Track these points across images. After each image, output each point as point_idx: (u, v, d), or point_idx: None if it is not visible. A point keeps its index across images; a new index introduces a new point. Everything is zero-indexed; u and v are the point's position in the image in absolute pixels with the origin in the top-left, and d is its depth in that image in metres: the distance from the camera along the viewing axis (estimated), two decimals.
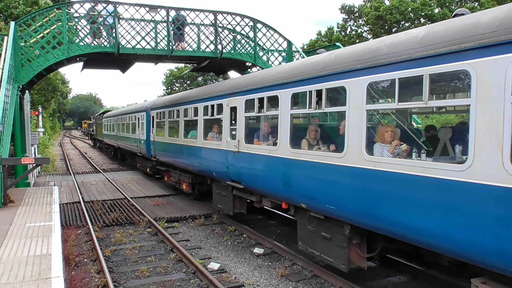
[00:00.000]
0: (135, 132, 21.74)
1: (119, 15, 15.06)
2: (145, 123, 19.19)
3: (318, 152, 7.19)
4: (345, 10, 41.73)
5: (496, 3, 31.12)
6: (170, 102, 15.96)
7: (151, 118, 18.46)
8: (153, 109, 18.27)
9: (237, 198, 10.78)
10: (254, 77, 9.68)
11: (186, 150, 13.61)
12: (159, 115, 17.09)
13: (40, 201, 10.73)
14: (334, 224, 7.03)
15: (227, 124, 10.35)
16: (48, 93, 36.17)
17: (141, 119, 20.25)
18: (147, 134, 18.77)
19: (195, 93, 13.47)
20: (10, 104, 11.85)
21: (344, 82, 6.34)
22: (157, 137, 17.14)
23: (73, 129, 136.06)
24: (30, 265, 5.81)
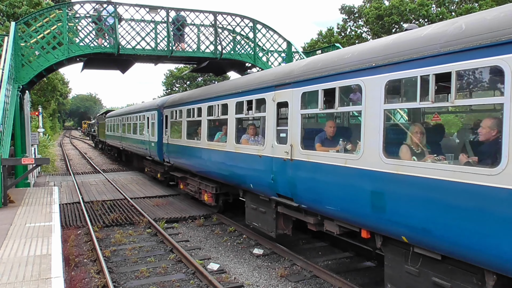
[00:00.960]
0: (143, 133, 19.63)
1: (119, 16, 15.09)
2: (156, 123, 17.00)
3: (437, 165, 4.90)
4: (345, 11, 41.78)
5: (495, 3, 31.15)
6: (188, 98, 13.78)
7: (163, 118, 16.31)
8: (166, 108, 15.97)
9: (280, 216, 8.73)
10: (316, 62, 7.28)
11: (210, 155, 11.41)
12: (174, 114, 14.83)
13: (40, 201, 10.75)
14: (461, 270, 4.93)
15: (272, 124, 8.22)
16: (48, 93, 36.19)
17: (151, 118, 17.99)
18: (158, 136, 16.72)
19: (223, 87, 11.23)
20: (10, 104, 11.87)
21: None
22: (172, 139, 14.96)
23: (73, 129, 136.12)
24: (30, 265, 5.82)
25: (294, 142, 7.46)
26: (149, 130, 18.25)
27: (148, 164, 20.37)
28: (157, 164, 18.34)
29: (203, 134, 11.89)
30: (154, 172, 19.51)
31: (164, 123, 16.15)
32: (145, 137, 18.99)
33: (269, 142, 8.31)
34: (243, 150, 9.44)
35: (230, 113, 10.18)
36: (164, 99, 17.94)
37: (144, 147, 19.33)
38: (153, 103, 19.01)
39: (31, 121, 20.85)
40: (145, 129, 19.14)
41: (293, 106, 7.52)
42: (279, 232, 8.83)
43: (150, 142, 18.06)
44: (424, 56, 4.92)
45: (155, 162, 18.47)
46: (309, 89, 7.15)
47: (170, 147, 15.20)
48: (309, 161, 7.06)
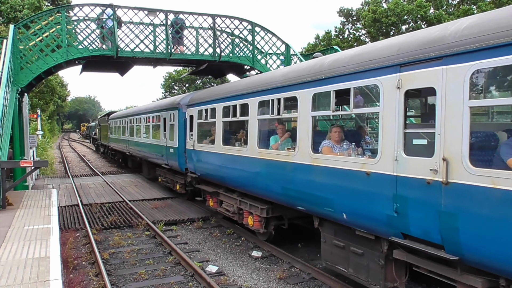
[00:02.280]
0: (158, 136, 16.78)
1: (118, 19, 15.13)
2: (177, 125, 14.14)
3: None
4: (343, 14, 41.90)
5: (494, 5, 31.30)
6: (226, 93, 10.65)
7: (187, 118, 13.47)
8: (191, 106, 13.25)
9: (391, 262, 6.14)
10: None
11: (261, 168, 8.69)
12: (204, 113, 12.02)
13: (39, 203, 10.74)
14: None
15: (394, 124, 5.45)
16: (47, 96, 36.20)
17: (170, 119, 15.08)
18: (179, 140, 13.87)
19: (289, 74, 8.13)
20: (9, 107, 11.88)
21: None
22: (200, 145, 12.15)
23: (72, 131, 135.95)
24: (29, 267, 5.83)
25: (451, 153, 4.67)
26: (167, 134, 15.39)
27: (164, 173, 17.24)
28: (176, 174, 15.57)
29: (251, 139, 8.94)
30: (171, 183, 16.43)
31: (188, 125, 13.37)
32: (161, 142, 16.06)
33: (389, 152, 5.53)
34: (329, 163, 6.68)
35: (302, 110, 7.31)
36: (187, 95, 14.67)
37: (159, 153, 16.47)
38: (172, 101, 15.76)
39: (29, 123, 20.85)
40: (161, 132, 16.22)
41: (448, 94, 4.71)
42: (388, 285, 6.16)
43: (168, 148, 15.18)
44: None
45: (173, 171, 15.56)
46: (486, 66, 4.44)
47: (197, 154, 12.25)
48: (496, 188, 4.23)
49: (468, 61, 4.50)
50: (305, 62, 9.11)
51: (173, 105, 14.81)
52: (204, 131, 12.51)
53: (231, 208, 10.78)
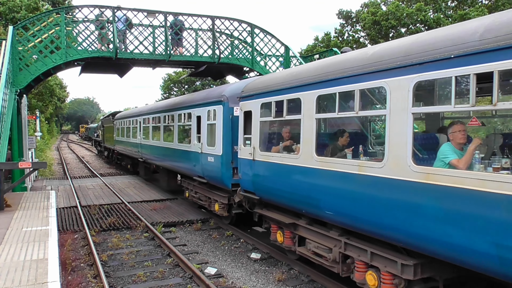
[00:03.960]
0: (188, 140, 13.62)
1: (129, 21, 15.15)
2: (221, 125, 10.96)
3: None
4: (343, 16, 41.97)
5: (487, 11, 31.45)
6: (331, 73, 6.78)
7: (240, 116, 10.01)
8: (248, 97, 9.55)
9: None
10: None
11: (437, 201, 4.90)
12: (275, 107, 8.37)
13: (37, 205, 10.72)
14: None
15: None
16: (46, 97, 36.19)
17: (208, 117, 11.81)
18: (225, 146, 10.81)
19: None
20: (7, 108, 11.87)
21: None
22: (265, 154, 8.68)
23: (71, 133, 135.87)
24: (27, 269, 5.81)
25: None
26: (203, 137, 12.15)
27: (194, 188, 13.61)
28: (215, 190, 12.03)
29: (392, 148, 5.44)
30: (205, 200, 12.75)
31: (241, 125, 9.86)
32: (193, 147, 12.92)
33: None
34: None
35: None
36: (237, 84, 11.71)
37: (189, 162, 13.16)
38: (210, 93, 12.43)
39: (28, 125, 20.83)
40: (192, 134, 13.10)
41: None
42: None
43: (204, 156, 11.95)
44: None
45: (211, 186, 12.27)
46: None
47: (260, 167, 8.84)
48: None
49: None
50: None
51: (214, 98, 11.50)
52: (272, 133, 9.26)
53: (329, 255, 7.06)
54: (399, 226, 5.40)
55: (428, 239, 5.03)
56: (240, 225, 10.77)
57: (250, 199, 9.68)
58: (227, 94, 11.01)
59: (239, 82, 12.41)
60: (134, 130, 21.99)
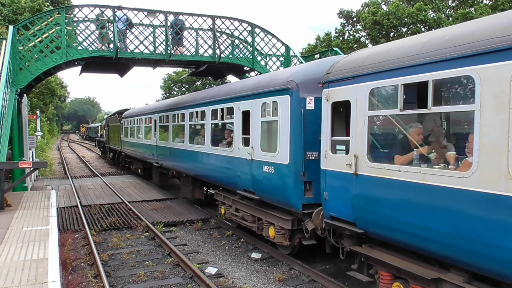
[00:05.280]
0: (224, 143, 11.13)
1: (129, 21, 15.14)
2: (287, 124, 8.07)
3: None
4: (343, 15, 41.93)
5: (491, 10, 31.38)
6: None
7: (326, 109, 7.11)
8: (337, 82, 6.84)
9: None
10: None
11: None
12: (396, 95, 5.62)
13: (38, 205, 10.71)
14: None
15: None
16: (47, 97, 36.21)
17: (263, 113, 8.97)
18: (294, 152, 7.95)
19: None
20: (8, 108, 11.86)
21: None
22: (377, 166, 5.96)
23: (71, 132, 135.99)
24: (27, 269, 5.80)
25: None
26: (254, 139, 9.21)
27: (235, 203, 10.76)
28: (269, 208, 9.19)
29: None
30: (253, 221, 9.85)
31: (327, 122, 7.02)
32: (235, 152, 10.08)
33: None
34: None
35: None
36: (311, 66, 8.76)
37: (230, 171, 10.37)
38: (269, 79, 9.13)
39: (29, 124, 20.84)
40: (235, 135, 10.12)
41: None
42: None
43: (257, 165, 9.01)
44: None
45: (262, 202, 9.35)
46: None
47: (373, 186, 6.08)
48: None
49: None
50: None
51: (274, 87, 8.48)
52: (392, 135, 6.69)
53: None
54: None
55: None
56: (306, 257, 8.89)
57: (341, 230, 6.83)
58: (297, 79, 7.98)
59: (315, 62, 9.29)
60: (147, 129, 19.28)
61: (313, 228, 7.77)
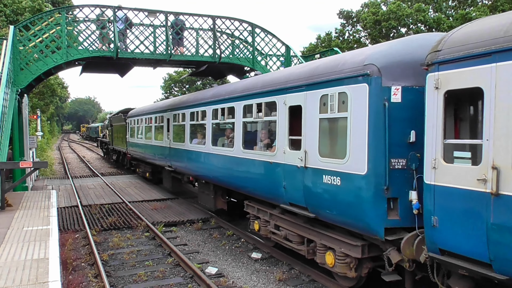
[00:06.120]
0: (260, 146, 9.32)
1: (129, 21, 15.15)
2: (363, 122, 6.13)
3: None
4: (343, 15, 41.92)
5: (489, 11, 31.39)
6: None
7: (437, 100, 5.23)
8: (460, 61, 4.96)
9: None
10: None
11: None
12: None
13: (38, 205, 10.72)
14: None
15: None
16: (48, 97, 36.22)
17: (322, 108, 7.05)
18: (373, 159, 6.03)
19: None
20: (8, 108, 11.87)
21: None
22: None
23: (72, 132, 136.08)
24: (28, 269, 5.81)
25: None
26: (308, 140, 7.37)
27: (274, 219, 9.02)
28: (325, 229, 7.48)
29: None
30: (300, 243, 8.18)
31: (439, 119, 5.25)
32: (278, 157, 8.23)
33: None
34: None
35: None
36: (401, 44, 6.69)
37: (271, 179, 8.49)
38: (332, 64, 7.21)
39: (29, 124, 20.85)
40: (279, 136, 8.30)
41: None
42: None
43: (314, 173, 7.16)
44: None
45: (313, 220, 7.55)
46: None
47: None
48: None
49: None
50: None
51: (344, 73, 6.55)
52: None
53: None
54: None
55: None
56: None
57: (461, 271, 5.08)
58: (379, 61, 6.08)
59: (398, 40, 7.05)
60: (158, 129, 17.37)
61: (399, 260, 5.99)
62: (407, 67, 6.00)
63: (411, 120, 5.92)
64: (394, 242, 5.98)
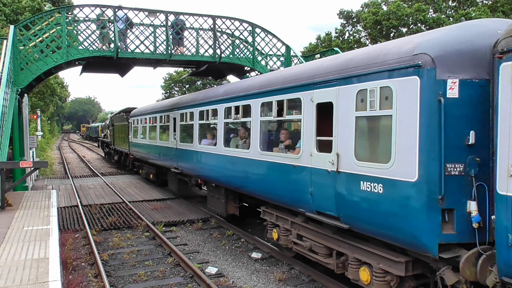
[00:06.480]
0: (281, 147, 8.51)
1: (129, 20, 15.15)
2: (414, 121, 5.29)
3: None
4: (343, 16, 41.93)
5: (489, 11, 31.39)
6: None
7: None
8: None
9: None
10: None
11: None
12: None
13: (38, 204, 10.72)
14: None
15: None
16: (48, 96, 36.22)
17: (359, 105, 6.13)
18: (425, 163, 5.21)
19: None
20: (8, 107, 11.87)
21: None
22: None
23: (72, 132, 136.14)
24: (28, 268, 5.81)
25: None
26: (340, 142, 6.51)
27: (296, 228, 8.23)
28: (360, 241, 6.62)
29: None
30: (327, 255, 7.35)
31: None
32: (303, 160, 7.42)
33: None
34: None
35: None
36: (451, 30, 5.76)
37: (295, 185, 7.65)
38: (380, 53, 6.01)
39: (29, 124, 20.84)
40: (304, 136, 7.49)
41: None
42: None
43: (349, 180, 6.30)
44: None
45: (342, 231, 6.89)
46: None
47: None
48: None
49: None
50: None
51: (388, 64, 5.70)
52: None
53: None
54: None
55: None
56: None
57: None
58: (433, 50, 5.25)
59: (451, 27, 6.19)
60: (164, 129, 16.66)
61: (456, 281, 5.20)
62: (466, 57, 5.17)
63: (470, 119, 5.15)
64: (448, 260, 5.23)
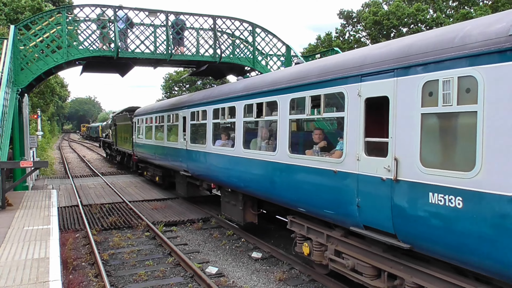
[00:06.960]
0: (315, 150, 7.47)
1: (129, 20, 15.15)
2: None
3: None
4: (344, 16, 41.95)
5: (490, 10, 31.37)
6: None
7: None
8: None
9: None
10: None
11: None
12: None
13: (38, 204, 10.73)
14: None
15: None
16: (48, 96, 36.24)
17: (451, 98, 4.68)
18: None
19: None
20: (9, 107, 11.88)
21: None
22: None
23: (72, 132, 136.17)
24: (28, 268, 5.81)
25: None
26: (406, 146, 5.28)
27: (332, 242, 7.24)
28: (419, 263, 5.62)
29: None
30: (374, 276, 6.25)
31: None
32: (347, 165, 6.30)
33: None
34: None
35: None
36: None
37: (337, 194, 6.53)
38: (455, 35, 4.81)
39: (29, 124, 20.85)
40: (348, 138, 6.33)
41: None
42: None
43: (414, 191, 5.17)
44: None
45: (396, 249, 5.81)
46: None
47: None
48: None
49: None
50: None
51: (468, 49, 4.55)
52: None
53: None
54: None
55: None
56: None
57: None
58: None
59: None
60: (172, 129, 15.51)
61: None
62: None
63: None
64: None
